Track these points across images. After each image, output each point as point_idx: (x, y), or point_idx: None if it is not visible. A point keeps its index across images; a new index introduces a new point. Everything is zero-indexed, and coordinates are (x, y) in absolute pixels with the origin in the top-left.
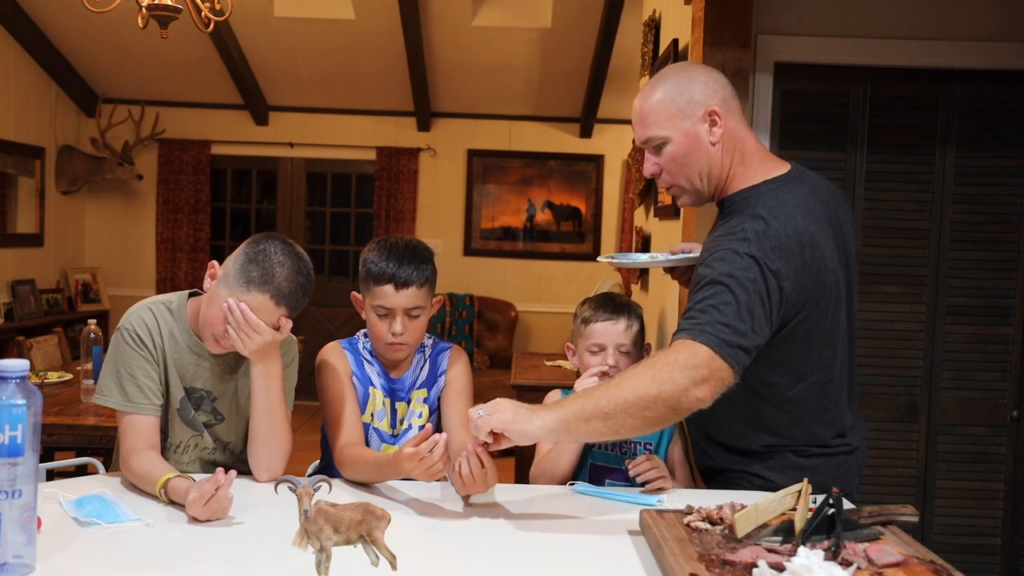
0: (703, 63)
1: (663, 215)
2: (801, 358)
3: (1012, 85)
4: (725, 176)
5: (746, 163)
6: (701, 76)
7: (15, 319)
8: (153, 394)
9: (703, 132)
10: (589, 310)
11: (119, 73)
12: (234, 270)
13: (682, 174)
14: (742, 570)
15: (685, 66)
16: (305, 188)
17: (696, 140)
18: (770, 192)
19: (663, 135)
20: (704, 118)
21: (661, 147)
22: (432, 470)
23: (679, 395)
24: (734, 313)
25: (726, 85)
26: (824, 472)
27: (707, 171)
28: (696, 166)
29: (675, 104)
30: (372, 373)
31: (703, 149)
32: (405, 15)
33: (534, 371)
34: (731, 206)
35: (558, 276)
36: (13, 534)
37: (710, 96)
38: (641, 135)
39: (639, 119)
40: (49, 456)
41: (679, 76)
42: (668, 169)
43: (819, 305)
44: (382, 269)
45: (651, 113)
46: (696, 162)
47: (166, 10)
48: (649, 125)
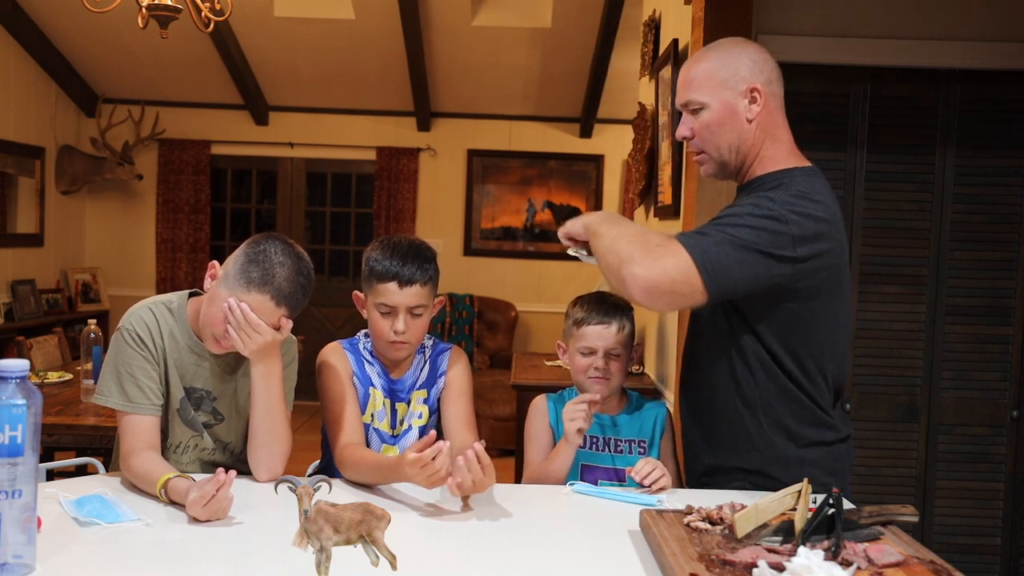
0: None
1: (663, 215)
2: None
3: (1012, 85)
4: (755, 155)
5: (777, 148)
6: (752, 53)
7: (15, 319)
8: (153, 394)
9: (742, 106)
10: (581, 311)
11: (119, 73)
12: (234, 270)
13: (712, 142)
14: (742, 570)
15: (740, 41)
16: (305, 188)
17: (733, 112)
18: (805, 177)
19: (702, 100)
20: (745, 93)
21: (698, 112)
22: (434, 477)
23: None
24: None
25: (774, 68)
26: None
27: (737, 145)
28: (728, 137)
29: (720, 74)
30: (372, 373)
31: (738, 122)
32: (405, 15)
33: (534, 371)
34: (760, 185)
35: (558, 276)
36: (13, 534)
37: (756, 74)
38: (682, 97)
39: (684, 82)
40: (49, 456)
41: (731, 48)
42: (700, 135)
43: (833, 292)
44: (386, 267)
45: (695, 78)
46: (729, 133)
47: (166, 10)
48: (692, 89)
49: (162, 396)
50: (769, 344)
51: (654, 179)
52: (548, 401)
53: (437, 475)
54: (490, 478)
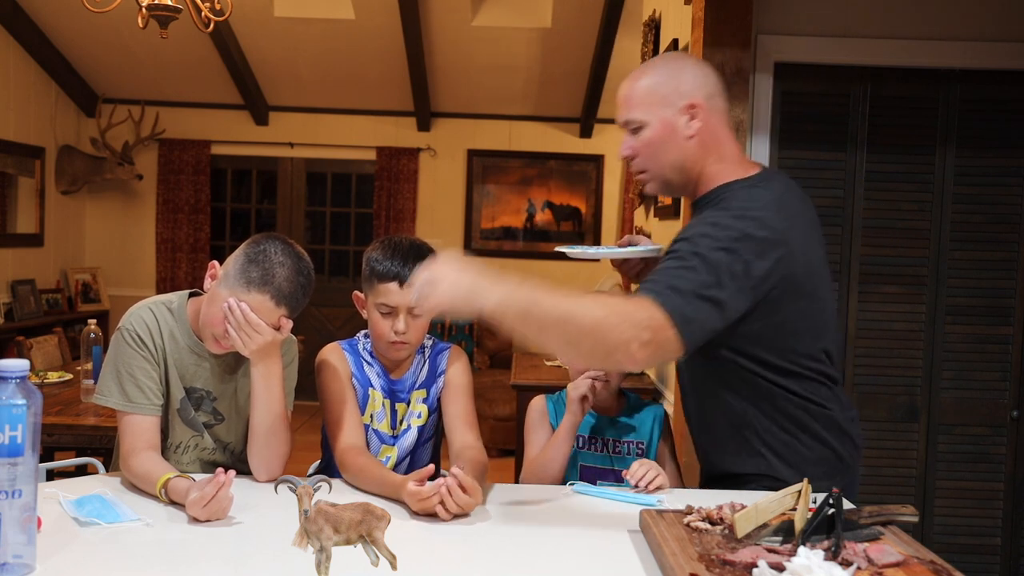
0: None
1: (663, 215)
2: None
3: (1012, 85)
4: (698, 171)
5: (722, 163)
6: (691, 68)
7: (15, 319)
8: (153, 394)
9: (681, 124)
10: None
11: (119, 73)
12: (234, 270)
13: (654, 161)
14: (742, 570)
15: (678, 55)
16: (305, 188)
17: (672, 130)
18: (743, 189)
19: (641, 119)
20: (684, 110)
21: (638, 130)
22: (429, 510)
23: (619, 346)
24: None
25: (716, 83)
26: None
27: (679, 163)
28: (669, 156)
29: (659, 91)
30: (372, 374)
31: (677, 140)
32: (405, 15)
33: (534, 371)
34: (705, 204)
35: (558, 276)
36: (13, 534)
37: (695, 89)
38: (621, 116)
39: (622, 100)
40: (49, 456)
41: (669, 64)
42: (642, 153)
43: (798, 295)
44: (387, 267)
45: (634, 96)
46: (669, 152)
47: (166, 10)
48: (630, 107)
49: (162, 396)
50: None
51: None
52: (547, 401)
53: (430, 507)
54: (476, 497)
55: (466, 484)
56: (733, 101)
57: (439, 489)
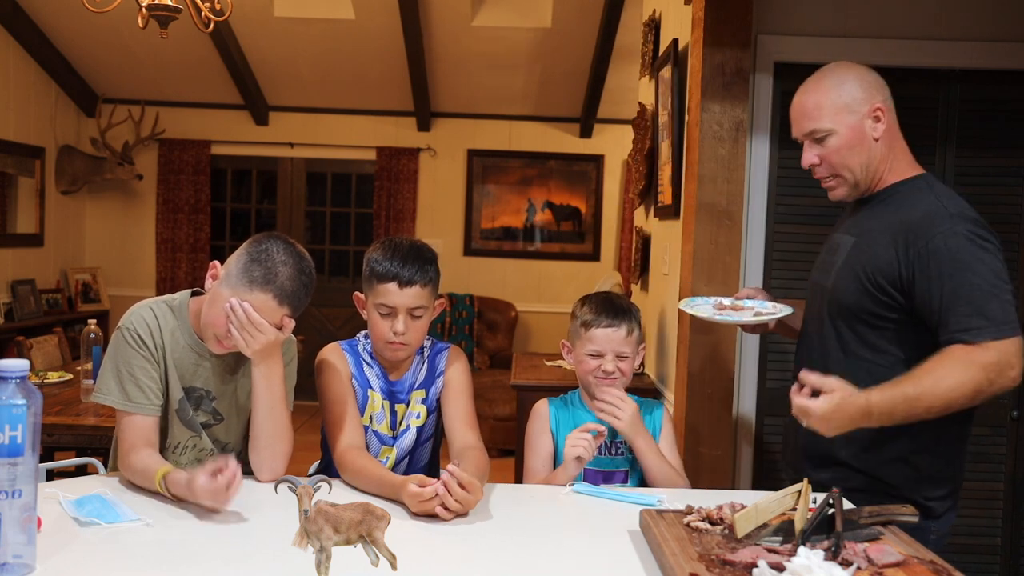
0: (704, 63)
1: (663, 215)
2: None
3: (1012, 85)
4: (883, 170)
5: (898, 159)
6: (865, 74)
7: (15, 319)
8: (153, 394)
9: (867, 127)
10: (590, 313)
11: (119, 73)
12: (236, 269)
13: (844, 166)
14: (742, 570)
15: (848, 64)
16: (305, 188)
17: (860, 134)
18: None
19: (828, 127)
20: (869, 113)
21: (824, 139)
22: (429, 511)
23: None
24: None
25: (885, 86)
26: None
27: (867, 165)
28: (858, 159)
29: (842, 99)
30: (371, 375)
31: (866, 144)
32: (405, 15)
33: (534, 371)
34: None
35: (558, 276)
36: (13, 534)
37: (876, 93)
38: (804, 127)
39: (803, 112)
40: (49, 456)
41: (844, 73)
42: (830, 161)
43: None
44: (387, 268)
45: (817, 107)
46: (859, 156)
47: (166, 10)
48: (815, 118)
49: (162, 396)
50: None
51: (654, 179)
52: (549, 405)
53: (430, 508)
54: (476, 494)
55: (464, 480)
56: (733, 101)
57: (438, 490)
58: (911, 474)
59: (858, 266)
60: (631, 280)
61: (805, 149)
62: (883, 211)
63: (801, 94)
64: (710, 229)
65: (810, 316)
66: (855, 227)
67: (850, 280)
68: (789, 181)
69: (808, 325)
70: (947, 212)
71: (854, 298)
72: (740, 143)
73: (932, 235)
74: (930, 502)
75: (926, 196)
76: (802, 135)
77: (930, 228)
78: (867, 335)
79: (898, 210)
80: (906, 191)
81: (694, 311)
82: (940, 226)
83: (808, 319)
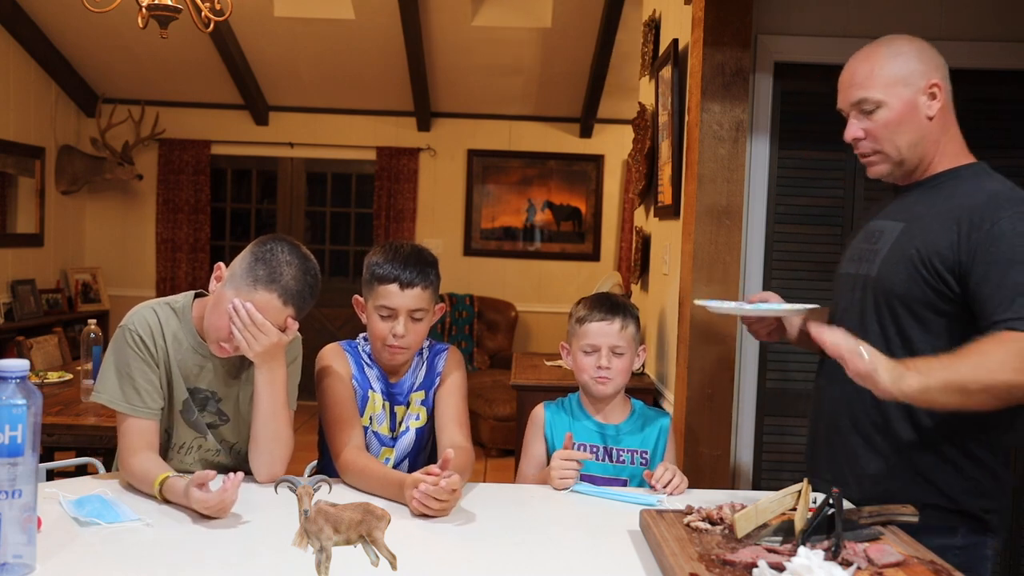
0: (704, 63)
1: (663, 215)
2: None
3: (1012, 85)
4: (934, 152)
5: (951, 143)
6: (926, 49)
7: (15, 319)
8: (150, 398)
9: (922, 103)
10: (584, 309)
11: (119, 73)
12: (240, 270)
13: (891, 142)
14: (742, 570)
15: (908, 37)
16: (305, 188)
17: (913, 109)
18: (995, 172)
19: (879, 99)
20: (926, 89)
21: (873, 112)
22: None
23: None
24: None
25: (944, 65)
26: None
27: (916, 143)
28: (907, 136)
29: (896, 71)
30: (372, 377)
31: (918, 120)
32: (405, 15)
33: (534, 371)
34: (931, 186)
35: (558, 276)
36: (13, 534)
37: (935, 69)
38: (852, 96)
39: (853, 80)
40: (49, 456)
41: (902, 45)
42: (876, 135)
43: None
44: (387, 270)
45: (870, 76)
46: (908, 132)
47: (166, 10)
48: (866, 87)
49: (162, 399)
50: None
51: (654, 179)
52: (545, 410)
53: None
54: (452, 499)
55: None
56: (733, 101)
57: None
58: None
59: (911, 250)
60: (631, 280)
61: (850, 121)
62: (935, 196)
63: (853, 61)
64: (710, 229)
65: (845, 311)
66: (902, 212)
67: (900, 266)
68: (789, 181)
69: (839, 323)
70: (1016, 196)
71: (904, 286)
72: (740, 143)
73: (999, 217)
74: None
75: (989, 180)
76: (848, 105)
77: (997, 211)
78: (912, 330)
79: (954, 194)
80: (965, 175)
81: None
82: (1009, 208)
83: (842, 315)
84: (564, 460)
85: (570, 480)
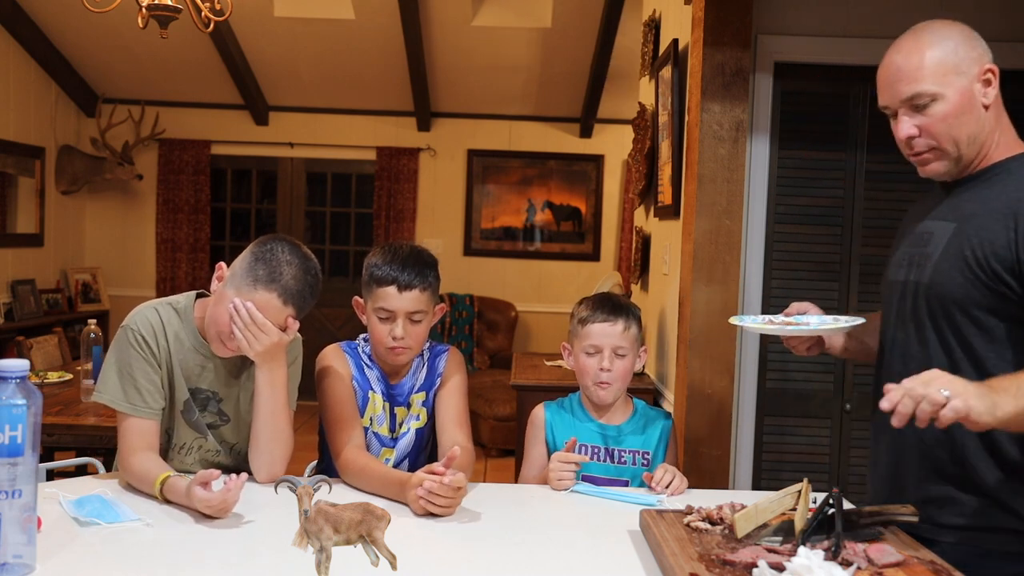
0: (704, 63)
1: (663, 215)
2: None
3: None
4: (989, 145)
5: (1004, 132)
6: (969, 32)
7: (15, 319)
8: (152, 398)
9: (977, 91)
10: (586, 310)
11: (119, 73)
12: (241, 269)
13: (950, 136)
14: (742, 570)
15: (946, 22)
16: (305, 188)
17: (971, 99)
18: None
19: (934, 91)
20: (980, 76)
21: (927, 106)
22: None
23: None
24: None
25: (989, 48)
26: None
27: (976, 135)
28: (966, 129)
29: (949, 60)
30: (372, 378)
31: (975, 111)
32: (405, 15)
33: (534, 371)
34: (1001, 171)
35: (558, 276)
36: (13, 534)
37: (985, 54)
38: (902, 92)
39: (901, 75)
40: (49, 456)
41: (947, 29)
42: (933, 130)
43: None
44: (386, 272)
45: (920, 67)
46: (967, 124)
47: (166, 10)
48: (917, 79)
49: (163, 399)
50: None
51: (654, 179)
52: (546, 410)
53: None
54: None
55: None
56: (733, 101)
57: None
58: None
59: (967, 251)
60: (631, 280)
61: (900, 119)
62: (987, 192)
63: (895, 55)
64: (710, 229)
65: (896, 322)
66: (952, 212)
67: (955, 269)
68: (789, 181)
69: (894, 334)
70: None
71: (961, 291)
72: (740, 143)
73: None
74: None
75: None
76: (898, 102)
77: None
78: (975, 338)
79: (1007, 187)
80: (1013, 168)
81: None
82: None
83: (893, 327)
84: (562, 462)
85: (568, 482)
